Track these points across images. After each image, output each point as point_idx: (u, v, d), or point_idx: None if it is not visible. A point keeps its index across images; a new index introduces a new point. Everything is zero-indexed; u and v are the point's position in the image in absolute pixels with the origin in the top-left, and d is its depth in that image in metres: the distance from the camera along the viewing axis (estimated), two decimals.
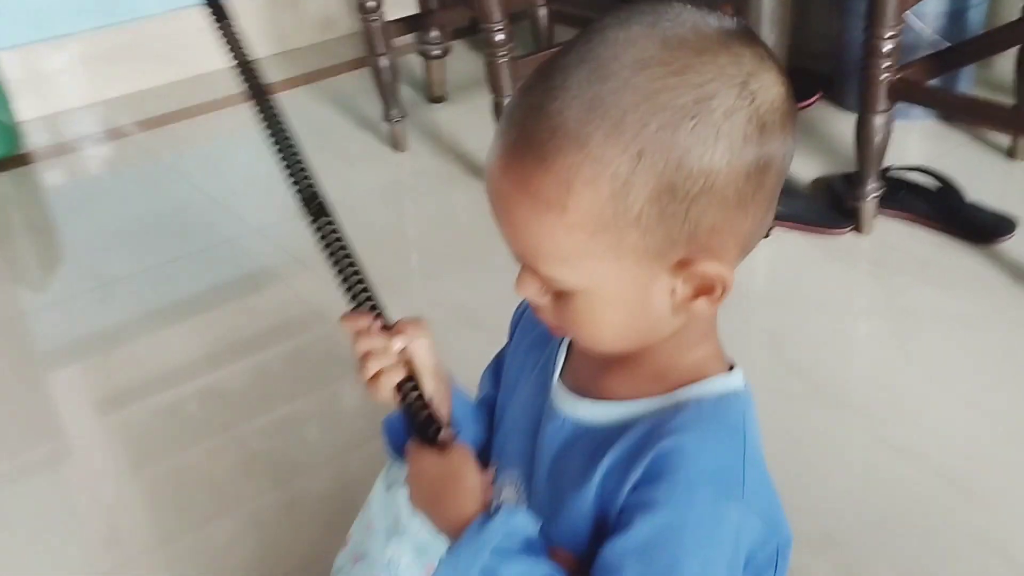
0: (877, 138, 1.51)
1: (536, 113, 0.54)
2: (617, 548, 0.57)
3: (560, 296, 0.59)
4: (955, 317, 1.40)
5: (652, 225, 0.54)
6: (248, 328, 1.58)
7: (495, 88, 1.69)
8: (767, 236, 1.70)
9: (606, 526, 0.60)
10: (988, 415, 1.21)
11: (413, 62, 2.41)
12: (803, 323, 1.42)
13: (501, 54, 1.66)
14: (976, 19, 1.87)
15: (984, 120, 1.65)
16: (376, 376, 0.67)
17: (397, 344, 0.67)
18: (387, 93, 2.01)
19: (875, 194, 1.56)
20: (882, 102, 1.49)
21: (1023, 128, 1.52)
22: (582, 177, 0.53)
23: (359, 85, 2.45)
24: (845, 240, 1.60)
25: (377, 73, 1.98)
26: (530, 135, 0.54)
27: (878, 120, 1.50)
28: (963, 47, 1.66)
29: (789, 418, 1.23)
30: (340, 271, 0.69)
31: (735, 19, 0.58)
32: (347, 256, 0.69)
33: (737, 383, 0.63)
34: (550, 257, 0.57)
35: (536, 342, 0.74)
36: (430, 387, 0.69)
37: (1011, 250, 1.51)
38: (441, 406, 0.71)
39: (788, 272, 1.54)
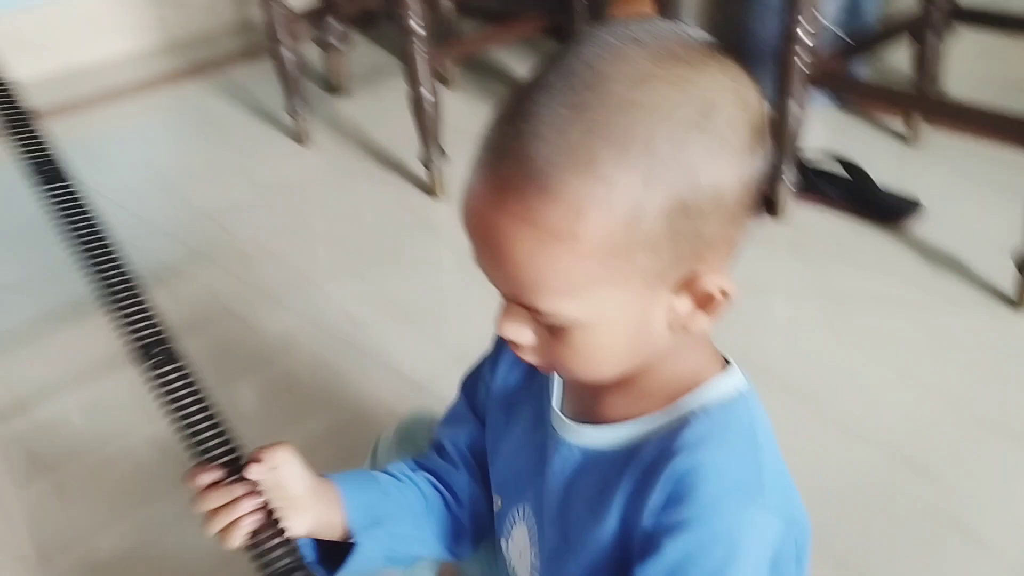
0: (794, 126, 1.55)
1: (529, 140, 0.51)
2: (648, 572, 0.56)
3: (554, 331, 0.56)
4: (877, 297, 1.45)
5: (663, 245, 0.52)
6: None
7: (412, 80, 1.66)
8: None
9: (630, 556, 0.58)
10: (925, 390, 1.25)
11: (310, 53, 2.33)
12: (736, 310, 1.44)
13: (419, 44, 1.62)
14: (871, 9, 1.95)
15: (895, 106, 1.73)
16: (226, 529, 0.62)
17: (238, 492, 0.62)
18: (291, 85, 1.94)
19: (792, 181, 1.60)
20: (798, 90, 1.53)
21: (938, 113, 1.59)
22: (593, 202, 0.50)
23: (252, 77, 2.37)
24: (763, 227, 1.64)
25: (281, 65, 1.91)
26: (527, 164, 0.51)
27: (795, 108, 1.54)
28: (870, 36, 1.73)
29: None
30: (186, 423, 0.61)
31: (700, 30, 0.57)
32: (197, 400, 0.60)
33: (737, 381, 0.62)
34: (555, 290, 0.53)
35: (530, 367, 0.70)
36: (305, 520, 0.65)
37: (919, 230, 1.57)
38: (333, 522, 0.68)
39: None
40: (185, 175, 1.98)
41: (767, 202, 1.64)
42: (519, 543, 0.71)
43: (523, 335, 0.58)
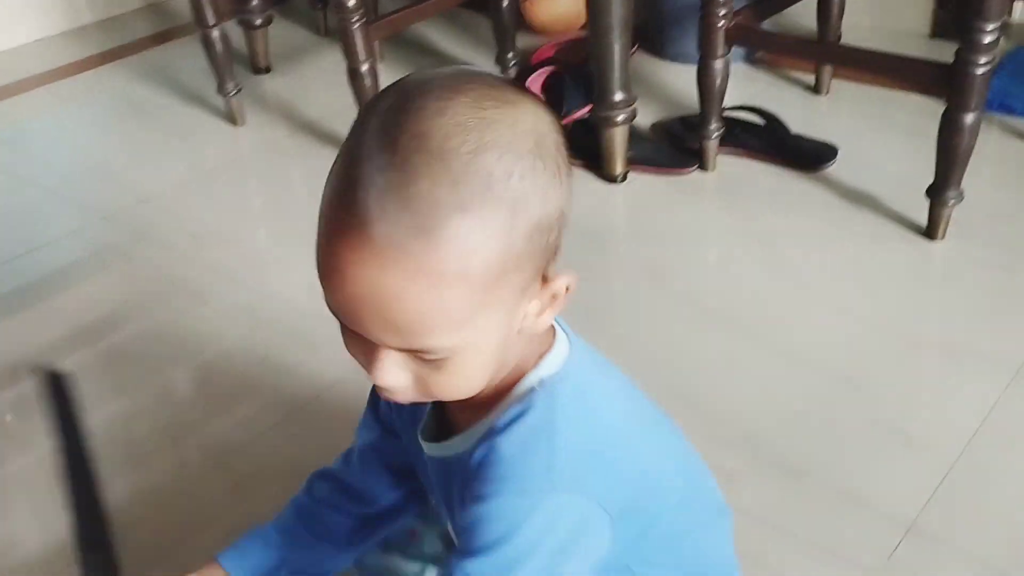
0: (718, 81, 1.65)
1: (394, 199, 0.54)
2: (453, 532, 0.67)
3: (433, 364, 0.61)
4: (803, 236, 1.56)
5: (527, 262, 0.59)
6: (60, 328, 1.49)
7: (349, 54, 1.69)
8: (624, 180, 1.80)
9: None
10: (855, 315, 1.38)
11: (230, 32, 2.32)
12: (675, 255, 1.55)
13: (354, 19, 1.65)
14: None
15: (809, 58, 1.85)
16: None
17: None
18: (221, 65, 1.95)
19: (717, 134, 1.71)
20: (720, 47, 1.63)
21: (850, 63, 1.71)
22: (475, 239, 0.55)
23: (169, 59, 2.35)
24: (692, 177, 1.74)
25: (210, 45, 1.91)
26: (406, 219, 0.54)
27: (718, 64, 1.64)
28: None
29: (688, 341, 1.35)
30: None
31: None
32: None
33: (548, 369, 0.68)
34: (446, 327, 0.58)
35: None
36: None
37: (835, 174, 1.70)
38: None
39: (650, 210, 1.66)
40: (119, 161, 1.97)
41: (693, 154, 1.74)
42: (449, 534, 0.81)
43: (401, 378, 0.62)
